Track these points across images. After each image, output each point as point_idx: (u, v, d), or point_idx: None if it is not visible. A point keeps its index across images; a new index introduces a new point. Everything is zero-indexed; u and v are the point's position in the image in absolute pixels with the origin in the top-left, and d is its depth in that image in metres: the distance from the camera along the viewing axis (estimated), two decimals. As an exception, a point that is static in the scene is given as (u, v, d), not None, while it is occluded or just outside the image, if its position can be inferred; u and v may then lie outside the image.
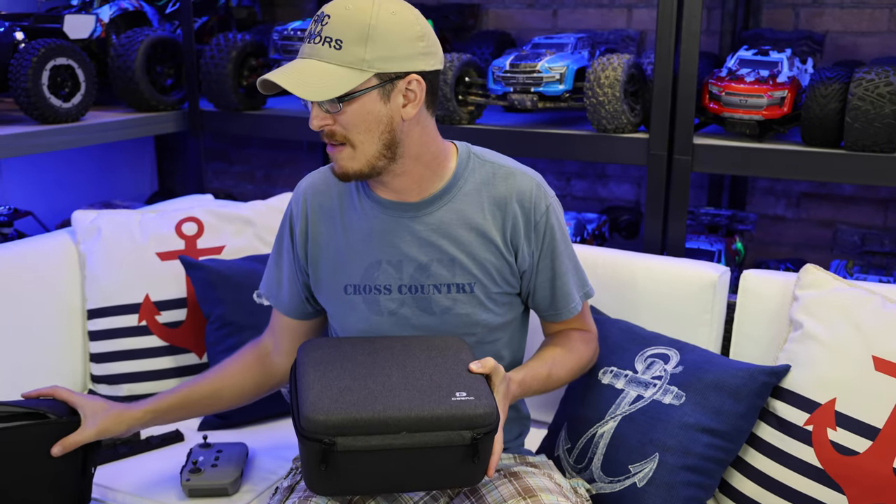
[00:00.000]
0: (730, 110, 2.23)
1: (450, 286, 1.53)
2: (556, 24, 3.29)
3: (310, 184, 1.61)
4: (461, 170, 1.55)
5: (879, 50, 2.82)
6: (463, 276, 1.53)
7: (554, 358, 1.60)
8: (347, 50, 1.36)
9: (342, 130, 1.41)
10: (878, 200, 2.91)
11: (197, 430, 2.07)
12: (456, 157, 1.56)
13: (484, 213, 1.54)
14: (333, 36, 1.37)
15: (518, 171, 1.58)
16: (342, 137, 1.42)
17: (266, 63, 2.95)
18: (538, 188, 1.57)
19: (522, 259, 1.56)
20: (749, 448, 1.69)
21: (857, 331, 1.65)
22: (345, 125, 1.41)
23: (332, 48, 1.37)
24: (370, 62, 1.37)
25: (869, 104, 2.04)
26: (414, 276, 1.53)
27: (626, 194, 3.30)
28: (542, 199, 1.56)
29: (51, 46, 2.56)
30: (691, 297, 1.92)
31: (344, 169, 1.45)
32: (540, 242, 1.57)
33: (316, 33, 1.39)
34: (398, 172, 1.48)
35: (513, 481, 1.48)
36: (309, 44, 1.40)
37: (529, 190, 1.56)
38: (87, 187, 3.56)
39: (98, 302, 2.16)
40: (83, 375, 2.23)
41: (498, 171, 1.56)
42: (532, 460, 1.64)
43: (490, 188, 1.55)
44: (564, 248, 1.60)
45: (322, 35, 1.38)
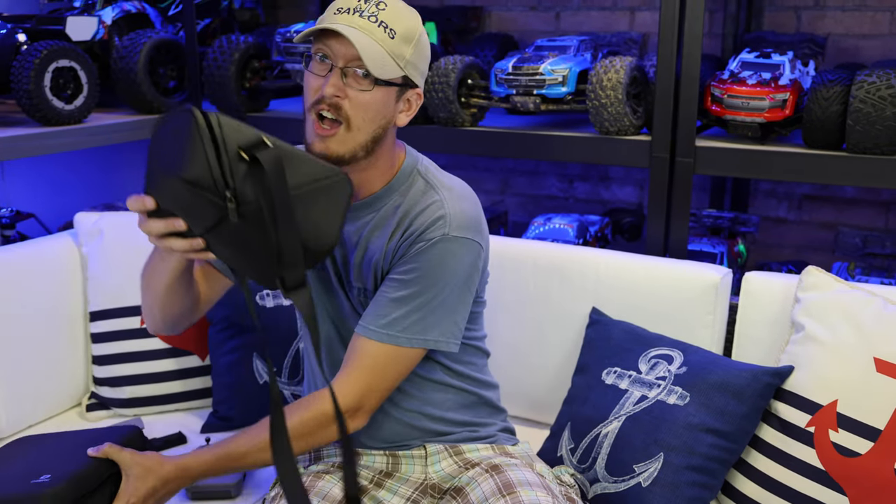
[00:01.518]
0: (732, 113, 2.23)
1: (360, 289, 1.57)
2: (558, 26, 3.29)
3: None
4: (397, 183, 1.55)
5: (881, 53, 2.83)
6: (365, 281, 1.56)
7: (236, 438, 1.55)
8: (397, 43, 1.42)
9: (349, 109, 1.43)
10: (880, 203, 2.91)
11: (199, 432, 2.07)
12: (400, 166, 1.57)
13: (393, 229, 1.53)
14: (389, 24, 1.42)
15: (446, 199, 1.52)
16: (344, 116, 1.43)
17: (269, 65, 2.95)
18: (442, 220, 1.49)
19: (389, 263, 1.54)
20: (751, 449, 1.69)
21: (858, 332, 1.65)
22: (356, 105, 1.43)
23: (387, 34, 1.42)
24: (407, 63, 1.45)
25: (870, 107, 2.04)
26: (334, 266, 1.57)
27: (628, 196, 3.30)
28: (437, 230, 1.49)
29: (53, 48, 2.57)
30: (694, 299, 1.93)
31: (330, 149, 1.45)
32: (404, 260, 1.51)
33: (370, 13, 1.41)
34: (361, 168, 1.50)
35: (494, 476, 1.49)
36: (360, 17, 1.41)
37: (434, 214, 1.50)
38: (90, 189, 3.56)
39: (100, 304, 2.17)
40: (85, 378, 2.23)
41: (427, 192, 1.54)
42: (511, 450, 1.65)
43: (409, 204, 1.53)
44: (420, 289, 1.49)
45: (378, 17, 1.41)
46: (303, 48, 2.70)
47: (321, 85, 1.43)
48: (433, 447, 1.62)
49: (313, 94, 1.44)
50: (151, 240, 1.34)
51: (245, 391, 2.08)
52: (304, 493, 1.25)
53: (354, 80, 1.42)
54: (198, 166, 1.21)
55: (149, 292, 1.55)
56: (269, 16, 3.81)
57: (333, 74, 1.42)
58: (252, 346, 2.09)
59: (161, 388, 2.17)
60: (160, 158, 1.28)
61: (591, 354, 1.89)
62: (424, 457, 1.61)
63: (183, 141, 1.22)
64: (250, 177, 1.23)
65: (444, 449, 1.62)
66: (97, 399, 2.18)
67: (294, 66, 2.73)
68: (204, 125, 1.21)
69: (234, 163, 1.22)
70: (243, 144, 1.23)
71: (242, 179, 1.23)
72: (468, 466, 1.58)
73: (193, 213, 1.26)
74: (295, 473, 1.27)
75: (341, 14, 1.42)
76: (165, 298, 1.52)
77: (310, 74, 1.46)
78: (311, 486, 1.52)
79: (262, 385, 2.09)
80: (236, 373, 2.09)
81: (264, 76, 2.97)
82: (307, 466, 1.63)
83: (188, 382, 2.19)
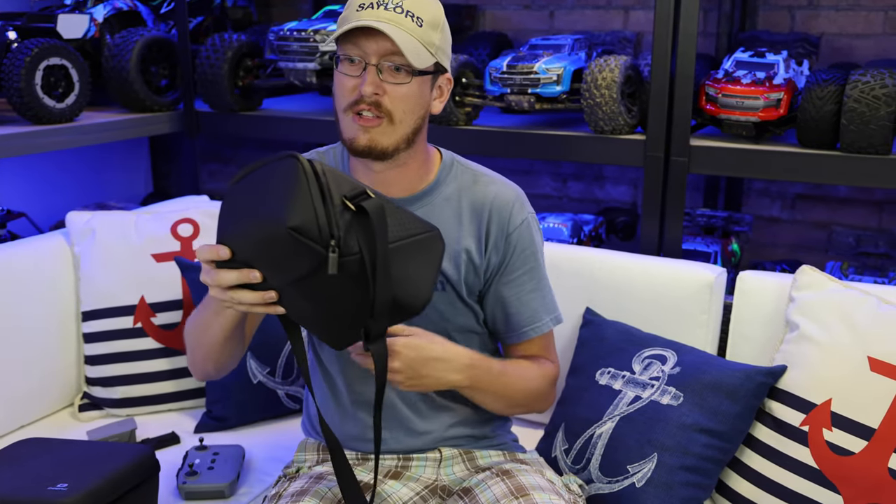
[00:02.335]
0: (726, 112, 2.23)
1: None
2: (553, 25, 3.29)
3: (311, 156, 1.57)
4: (444, 174, 1.56)
5: (875, 52, 2.83)
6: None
7: (509, 364, 1.57)
8: (426, 31, 1.41)
9: (389, 103, 1.41)
10: (873, 202, 2.92)
11: (193, 432, 2.06)
12: (440, 162, 1.57)
13: (460, 219, 1.54)
14: (415, 12, 1.40)
15: (500, 181, 1.58)
16: (385, 111, 1.41)
17: (262, 64, 2.94)
18: (517, 200, 1.56)
19: (490, 268, 1.55)
20: (745, 448, 1.69)
21: (852, 332, 1.65)
22: (396, 99, 1.41)
23: (415, 23, 1.40)
24: (437, 49, 1.44)
25: (864, 106, 2.04)
26: None
27: (622, 196, 3.30)
28: (519, 212, 1.55)
29: (44, 46, 2.55)
30: (688, 299, 1.93)
31: (375, 142, 1.43)
32: (510, 254, 1.55)
33: (395, 4, 1.39)
34: (401, 162, 1.49)
35: (505, 480, 1.48)
36: (385, 10, 1.39)
37: (508, 200, 1.55)
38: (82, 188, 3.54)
39: (92, 304, 2.15)
40: (77, 378, 2.21)
41: (479, 179, 1.57)
42: (523, 457, 1.64)
43: (469, 193, 1.55)
44: (534, 265, 1.58)
45: (403, 7, 1.39)
46: (297, 46, 2.69)
47: (356, 85, 1.40)
48: (448, 451, 1.60)
49: (349, 95, 1.41)
50: (214, 292, 1.29)
51: (239, 391, 2.08)
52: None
53: (390, 75, 1.40)
54: (304, 214, 1.16)
55: (201, 349, 1.49)
56: (262, 14, 3.80)
57: (369, 72, 1.40)
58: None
59: (154, 388, 2.16)
60: (249, 205, 1.23)
61: (584, 355, 1.89)
62: (438, 460, 1.60)
63: (286, 188, 1.18)
64: (354, 227, 1.19)
65: (458, 454, 1.60)
66: (90, 399, 2.17)
67: (287, 65, 2.72)
68: (311, 172, 1.18)
69: (338, 212, 1.18)
70: (348, 194, 1.20)
71: (346, 229, 1.19)
72: (478, 471, 1.57)
73: (282, 263, 1.21)
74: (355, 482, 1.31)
75: (365, 10, 1.39)
76: (221, 351, 1.48)
77: (341, 75, 1.43)
78: (311, 488, 1.50)
79: (256, 385, 2.08)
80: (230, 373, 2.07)
81: (257, 75, 2.96)
82: (312, 467, 1.62)
83: (181, 382, 2.18)
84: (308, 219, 1.16)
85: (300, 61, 2.69)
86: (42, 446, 1.65)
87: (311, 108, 3.04)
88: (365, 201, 1.20)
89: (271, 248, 1.19)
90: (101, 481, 1.50)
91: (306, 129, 2.89)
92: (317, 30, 2.67)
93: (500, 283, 1.56)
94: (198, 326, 1.48)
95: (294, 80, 2.76)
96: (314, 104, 3.16)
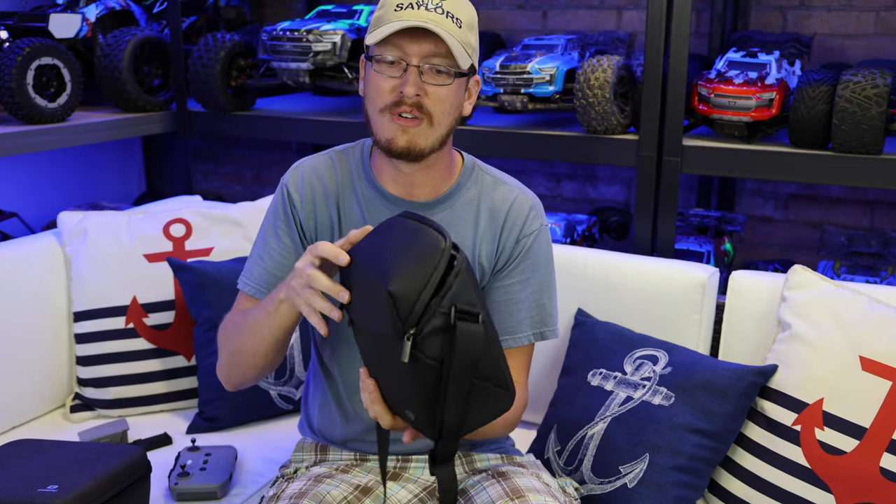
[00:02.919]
0: (719, 112, 2.24)
1: None
2: (545, 25, 3.29)
3: (311, 166, 1.56)
4: (465, 178, 1.55)
5: (866, 52, 2.84)
6: None
7: None
8: (465, 32, 1.40)
9: (430, 105, 1.40)
10: (865, 202, 2.93)
11: (185, 433, 2.06)
12: (461, 165, 1.57)
13: (478, 223, 1.53)
14: (454, 13, 1.40)
15: (518, 188, 1.58)
16: (426, 112, 1.40)
17: (255, 64, 2.94)
18: (533, 210, 1.56)
19: (496, 270, 1.55)
20: (738, 448, 1.69)
21: (844, 331, 1.66)
22: (436, 101, 1.41)
23: (455, 24, 1.39)
24: (473, 51, 1.43)
25: (856, 106, 2.05)
26: None
27: (616, 195, 3.30)
28: (534, 221, 1.55)
29: (36, 46, 2.55)
30: (681, 298, 1.93)
31: (414, 143, 1.42)
32: (513, 259, 1.54)
33: (434, 4, 1.38)
34: (430, 164, 1.48)
35: (501, 482, 1.48)
36: (426, 11, 1.38)
37: (524, 208, 1.55)
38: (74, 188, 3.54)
39: (84, 304, 2.15)
40: (69, 378, 2.21)
41: (499, 185, 1.57)
42: (520, 460, 1.63)
43: (488, 199, 1.55)
44: (533, 277, 1.55)
45: (443, 8, 1.39)
46: (290, 46, 2.69)
47: (395, 86, 1.39)
48: None
49: (387, 96, 1.40)
50: (297, 282, 1.29)
51: (231, 392, 2.07)
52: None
53: (431, 76, 1.39)
54: (409, 289, 1.11)
55: (241, 354, 1.47)
56: (255, 14, 3.80)
57: (411, 73, 1.38)
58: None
59: (146, 389, 2.15)
60: (390, 244, 1.19)
61: (576, 356, 1.89)
62: None
63: (417, 255, 1.14)
64: (440, 336, 1.13)
65: (457, 456, 1.60)
66: (81, 400, 2.16)
67: (280, 65, 2.71)
68: (445, 262, 1.13)
69: (439, 311, 1.12)
70: (461, 304, 1.13)
71: (432, 332, 1.12)
72: (474, 472, 1.57)
73: (372, 310, 1.17)
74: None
75: (405, 10, 1.38)
76: (264, 354, 1.45)
77: (379, 76, 1.40)
78: (309, 490, 1.48)
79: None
80: (222, 373, 2.07)
81: (250, 74, 2.96)
82: (309, 467, 1.61)
83: (173, 383, 2.17)
84: (409, 297, 1.12)
85: (293, 61, 2.68)
86: (33, 447, 1.64)
87: (304, 108, 3.04)
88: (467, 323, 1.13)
89: (371, 292, 1.16)
90: (93, 483, 1.50)
91: (299, 129, 2.88)
92: (310, 30, 2.67)
93: (492, 285, 1.55)
94: (241, 328, 1.46)
95: (287, 80, 2.76)
96: (307, 104, 3.15)
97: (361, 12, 2.80)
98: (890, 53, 2.80)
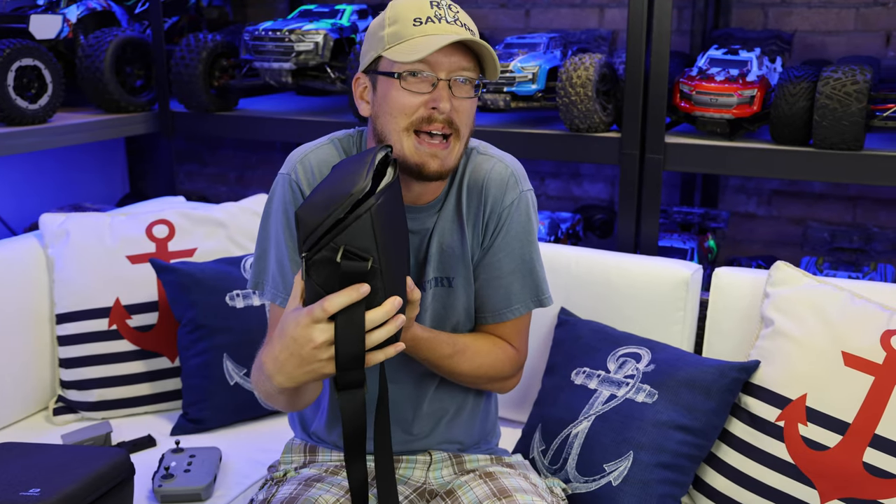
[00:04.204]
0: (701, 109, 2.25)
1: (437, 279, 1.52)
2: (528, 23, 3.29)
3: (318, 158, 1.49)
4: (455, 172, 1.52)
5: (846, 49, 2.85)
6: (445, 270, 1.52)
7: (466, 346, 1.50)
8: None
9: (458, 120, 1.37)
10: (848, 198, 2.95)
11: (169, 434, 2.05)
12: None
13: (464, 215, 1.51)
14: (468, 24, 1.38)
15: (496, 157, 1.53)
16: (455, 127, 1.37)
17: (237, 64, 2.93)
18: (513, 177, 1.52)
19: (484, 246, 1.53)
20: (722, 444, 1.70)
21: (826, 326, 1.66)
22: (463, 114, 1.38)
23: (474, 36, 1.37)
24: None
25: (836, 102, 2.06)
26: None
27: (600, 193, 3.31)
28: (513, 189, 1.51)
29: (16, 47, 2.53)
30: (665, 295, 1.93)
31: (446, 166, 1.39)
32: (496, 234, 1.52)
33: (452, 17, 1.36)
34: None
35: (488, 482, 1.48)
36: (447, 24, 1.35)
37: (501, 178, 1.51)
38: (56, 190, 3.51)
39: (67, 306, 2.13)
40: (52, 381, 2.19)
41: (476, 158, 1.53)
42: (508, 460, 1.63)
43: (467, 176, 1.51)
44: (519, 247, 1.52)
45: (460, 20, 1.37)
46: (272, 46, 2.68)
47: (424, 101, 1.35)
48: (438, 455, 1.59)
49: (413, 112, 1.35)
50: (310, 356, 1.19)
51: (216, 393, 2.06)
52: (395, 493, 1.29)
53: (460, 90, 1.36)
54: (310, 217, 1.14)
55: (285, 407, 1.42)
56: (238, 13, 3.78)
57: (442, 88, 1.34)
58: (222, 347, 2.08)
59: (129, 391, 2.14)
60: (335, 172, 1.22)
61: (559, 355, 1.89)
62: (428, 463, 1.58)
63: (333, 191, 1.15)
64: (328, 268, 1.15)
65: (448, 457, 1.60)
66: (64, 402, 2.15)
67: (262, 65, 2.71)
68: (348, 208, 1.13)
69: (330, 245, 1.14)
70: (351, 246, 1.14)
71: (321, 262, 1.15)
72: (463, 473, 1.56)
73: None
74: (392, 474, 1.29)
75: (426, 24, 1.34)
76: (305, 403, 1.42)
77: (404, 92, 1.35)
78: (300, 495, 1.47)
79: (233, 386, 2.07)
80: (206, 374, 2.07)
81: (233, 75, 2.95)
82: (298, 469, 1.60)
83: (157, 385, 2.16)
84: (309, 222, 1.14)
85: (275, 61, 2.67)
86: (15, 451, 1.63)
87: (287, 108, 3.03)
88: (350, 260, 1.14)
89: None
90: (75, 485, 1.49)
91: (282, 129, 2.87)
92: (292, 29, 2.66)
93: (481, 262, 1.53)
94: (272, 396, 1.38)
95: (269, 80, 2.75)
96: (290, 104, 3.15)
97: (344, 12, 2.79)
98: (870, 50, 2.82)
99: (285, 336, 1.19)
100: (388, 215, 1.19)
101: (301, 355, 1.18)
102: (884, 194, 2.88)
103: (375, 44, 1.39)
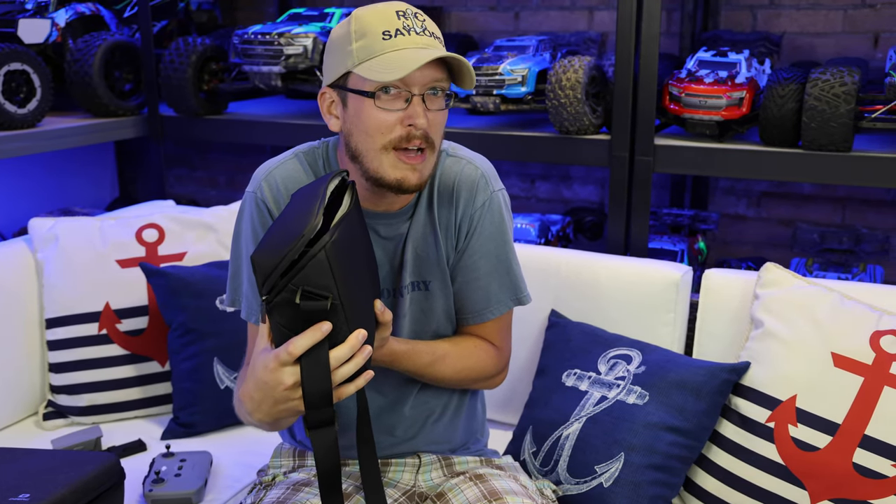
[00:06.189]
0: (690, 111, 2.25)
1: (414, 284, 1.52)
2: (517, 26, 3.30)
3: (283, 174, 1.48)
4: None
5: (835, 51, 2.87)
6: (421, 274, 1.52)
7: (446, 352, 1.51)
8: (446, 50, 1.36)
9: (433, 133, 1.36)
10: (836, 199, 2.96)
11: (160, 439, 2.04)
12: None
13: (433, 206, 1.50)
14: (435, 33, 1.36)
15: (465, 158, 1.52)
16: (430, 141, 1.36)
17: (227, 68, 2.92)
18: (483, 178, 1.51)
19: (459, 249, 1.53)
20: (712, 445, 1.70)
21: (816, 328, 1.67)
22: (436, 126, 1.37)
23: (441, 44, 1.36)
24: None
25: (825, 104, 2.07)
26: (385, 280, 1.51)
27: (590, 195, 3.32)
28: (484, 191, 1.50)
29: (4, 51, 2.52)
30: (655, 297, 1.94)
31: (423, 177, 1.38)
32: (469, 236, 1.51)
33: (420, 28, 1.34)
34: None
35: (478, 484, 1.48)
36: (417, 35, 1.33)
37: (471, 179, 1.50)
38: (45, 194, 3.50)
39: (56, 311, 2.13)
40: (42, 386, 2.18)
41: (446, 159, 1.51)
42: (498, 462, 1.63)
43: (438, 177, 1.50)
44: (494, 247, 1.52)
45: (427, 30, 1.35)
46: (261, 50, 2.67)
47: (400, 119, 1.32)
48: (427, 457, 1.59)
49: (390, 130, 1.33)
50: (282, 397, 1.21)
51: (206, 397, 2.06)
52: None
53: (433, 102, 1.34)
54: (265, 261, 1.13)
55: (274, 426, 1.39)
56: (227, 17, 3.78)
57: (417, 104, 1.32)
58: (212, 350, 2.07)
59: (120, 395, 2.13)
60: (288, 209, 1.21)
61: (550, 357, 1.90)
62: (417, 465, 1.58)
63: (285, 233, 1.14)
64: (290, 310, 1.14)
65: (437, 459, 1.59)
66: (54, 407, 2.14)
67: (252, 68, 2.70)
68: (300, 250, 1.12)
69: (289, 287, 1.13)
70: (309, 287, 1.13)
71: (283, 304, 1.14)
72: (453, 475, 1.56)
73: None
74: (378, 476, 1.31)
75: (396, 38, 1.31)
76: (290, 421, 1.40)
77: (380, 111, 1.32)
78: (288, 499, 1.47)
79: (224, 390, 2.07)
80: (197, 378, 2.06)
81: (222, 78, 2.94)
82: (287, 473, 1.60)
83: (147, 389, 2.15)
84: (264, 266, 1.13)
85: (265, 64, 2.67)
86: (4, 456, 1.62)
87: (276, 112, 3.02)
88: (310, 300, 1.14)
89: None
90: (65, 490, 1.48)
91: (272, 133, 2.87)
92: (281, 33, 2.66)
93: (456, 264, 1.52)
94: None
95: (259, 84, 2.74)
96: (279, 107, 3.14)
97: (333, 15, 2.79)
98: (858, 51, 2.83)
99: (257, 378, 1.22)
100: (347, 245, 1.18)
101: (274, 397, 1.21)
102: (872, 195, 2.90)
103: (343, 58, 1.35)
